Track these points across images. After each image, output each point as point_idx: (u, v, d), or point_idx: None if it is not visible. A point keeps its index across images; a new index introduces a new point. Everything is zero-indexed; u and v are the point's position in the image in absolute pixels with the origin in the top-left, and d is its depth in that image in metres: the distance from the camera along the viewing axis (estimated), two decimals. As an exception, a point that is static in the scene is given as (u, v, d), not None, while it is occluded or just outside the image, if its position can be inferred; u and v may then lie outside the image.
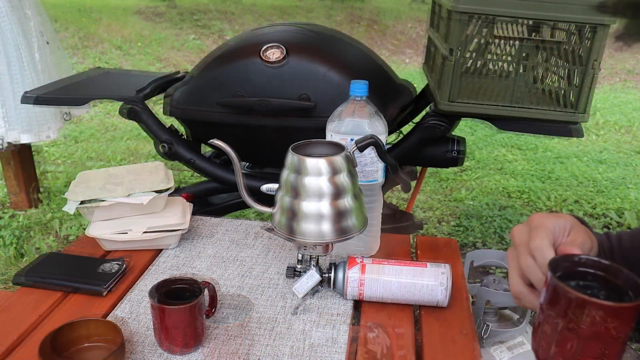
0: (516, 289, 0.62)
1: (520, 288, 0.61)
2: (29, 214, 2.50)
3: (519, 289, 0.61)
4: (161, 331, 0.82)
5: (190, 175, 3.00)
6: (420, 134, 1.49)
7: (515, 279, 0.62)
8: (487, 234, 2.52)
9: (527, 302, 0.61)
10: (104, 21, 6.69)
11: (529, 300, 0.61)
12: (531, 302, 0.60)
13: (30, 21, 2.20)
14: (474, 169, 3.27)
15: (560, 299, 0.52)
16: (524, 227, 0.63)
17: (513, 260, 0.63)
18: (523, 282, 0.61)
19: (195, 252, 1.14)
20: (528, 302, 0.61)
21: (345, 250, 1.11)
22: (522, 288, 0.61)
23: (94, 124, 3.81)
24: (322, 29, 1.61)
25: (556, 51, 1.33)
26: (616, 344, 0.51)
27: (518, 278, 0.61)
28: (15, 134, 2.19)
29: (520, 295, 0.61)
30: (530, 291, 0.61)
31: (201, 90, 1.48)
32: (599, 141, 3.89)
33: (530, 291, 0.61)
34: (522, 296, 0.61)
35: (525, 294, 0.61)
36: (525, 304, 0.61)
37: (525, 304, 0.61)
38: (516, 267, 0.62)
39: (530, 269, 0.59)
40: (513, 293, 0.62)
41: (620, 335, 0.51)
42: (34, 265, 1.05)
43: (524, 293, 0.61)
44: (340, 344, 0.88)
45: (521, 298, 0.62)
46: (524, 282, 0.61)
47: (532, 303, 0.60)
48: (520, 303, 0.62)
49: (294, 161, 0.91)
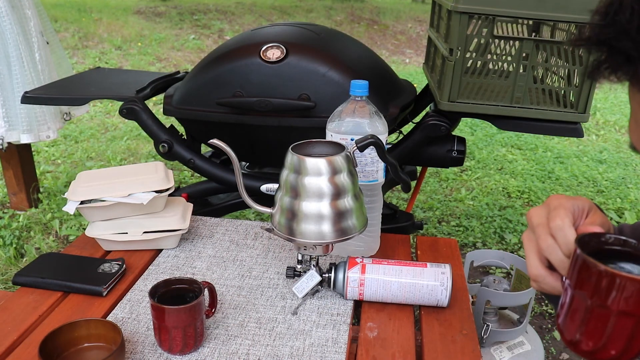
0: (535, 272, 0.60)
1: (539, 270, 0.59)
2: (29, 214, 2.50)
3: (537, 271, 0.59)
4: (161, 331, 0.82)
5: (190, 175, 3.00)
6: (422, 133, 1.49)
7: (534, 261, 0.60)
8: (487, 234, 2.52)
9: (546, 285, 0.59)
10: (104, 21, 6.69)
11: (548, 282, 0.59)
12: (550, 284, 0.59)
13: (30, 21, 2.20)
14: (474, 169, 3.27)
15: (591, 275, 0.50)
16: (541, 209, 0.61)
17: (530, 243, 0.61)
18: (542, 264, 0.59)
19: (195, 252, 1.14)
20: (547, 285, 0.59)
21: (346, 251, 1.11)
22: (541, 270, 0.59)
23: (94, 124, 3.81)
24: (322, 29, 1.60)
25: (556, 51, 1.33)
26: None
27: (537, 260, 0.59)
28: (16, 134, 2.19)
29: (539, 278, 0.59)
30: (550, 273, 0.59)
31: (201, 90, 1.48)
32: (599, 141, 3.89)
33: (550, 273, 0.59)
34: (541, 279, 0.59)
35: (544, 276, 0.59)
36: (544, 287, 0.60)
37: (544, 287, 0.60)
38: (534, 250, 0.60)
39: (551, 249, 0.57)
40: (531, 276, 0.60)
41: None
42: (34, 265, 1.05)
43: (543, 275, 0.59)
44: (340, 344, 0.88)
45: (539, 281, 0.60)
46: (543, 264, 0.59)
47: (551, 286, 0.59)
48: (538, 286, 0.60)
49: (293, 161, 0.91)
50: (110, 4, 7.92)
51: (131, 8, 7.58)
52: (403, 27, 8.26)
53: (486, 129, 3.93)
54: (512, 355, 1.30)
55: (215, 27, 7.07)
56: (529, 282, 1.34)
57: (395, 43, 7.42)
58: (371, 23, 8.28)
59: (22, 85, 2.14)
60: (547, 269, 0.59)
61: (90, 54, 5.56)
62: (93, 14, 7.00)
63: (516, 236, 2.49)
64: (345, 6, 9.24)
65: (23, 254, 2.21)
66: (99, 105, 4.19)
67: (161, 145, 1.51)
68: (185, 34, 6.68)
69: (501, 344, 1.32)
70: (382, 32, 7.88)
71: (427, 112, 1.55)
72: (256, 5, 8.58)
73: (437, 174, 3.16)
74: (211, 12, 7.72)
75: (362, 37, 7.32)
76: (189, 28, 6.93)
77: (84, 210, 1.10)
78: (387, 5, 9.94)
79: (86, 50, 5.65)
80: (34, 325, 0.91)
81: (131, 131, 3.67)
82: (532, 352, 1.32)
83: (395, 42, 7.48)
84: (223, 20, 7.47)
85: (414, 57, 6.81)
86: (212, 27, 7.09)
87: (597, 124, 4.29)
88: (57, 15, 6.54)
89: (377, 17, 8.66)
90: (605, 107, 4.71)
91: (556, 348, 1.82)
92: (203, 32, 6.86)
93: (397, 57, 6.76)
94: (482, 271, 2.22)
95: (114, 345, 0.80)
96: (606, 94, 5.17)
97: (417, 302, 0.97)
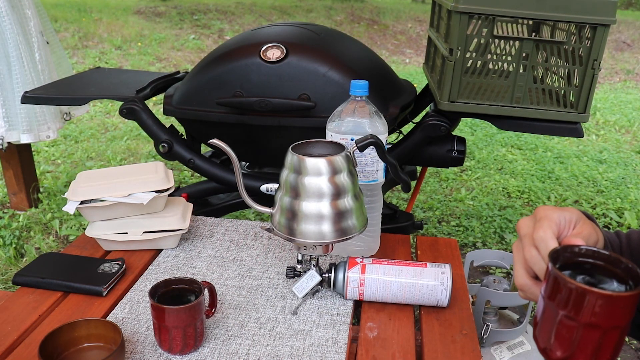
0: (520, 281, 0.61)
1: (524, 280, 0.61)
2: (29, 214, 2.50)
3: (523, 281, 0.61)
4: (161, 331, 0.82)
5: (190, 175, 3.00)
6: (422, 133, 1.49)
7: (519, 271, 0.61)
8: (487, 234, 2.52)
9: (531, 294, 0.61)
10: (104, 21, 6.69)
11: (532, 292, 0.60)
12: (535, 294, 0.60)
13: (30, 21, 2.20)
14: (474, 169, 3.27)
15: (560, 288, 0.52)
16: (529, 220, 0.63)
17: (518, 253, 0.62)
18: (527, 274, 0.61)
19: (195, 252, 1.14)
20: (532, 294, 0.61)
21: (346, 251, 1.11)
22: (526, 280, 0.61)
23: (94, 124, 3.81)
24: (322, 29, 1.60)
25: (556, 51, 1.33)
26: (614, 332, 0.52)
27: (522, 270, 0.61)
28: (16, 134, 2.19)
29: (524, 287, 0.61)
30: (534, 283, 0.60)
31: (201, 90, 1.48)
32: (599, 141, 3.89)
33: (534, 283, 0.60)
34: (526, 288, 0.61)
35: (529, 285, 0.60)
36: (529, 296, 0.61)
37: (529, 296, 0.61)
38: (521, 260, 0.61)
39: (533, 260, 0.59)
40: (517, 285, 0.62)
41: (620, 325, 0.51)
42: (34, 265, 1.05)
43: (528, 285, 0.61)
44: (340, 344, 0.88)
45: (525, 290, 0.61)
46: (529, 274, 0.61)
47: (535, 295, 0.60)
48: (524, 296, 0.62)
49: (293, 161, 0.91)
50: (110, 4, 7.92)
51: (131, 8, 7.58)
52: (403, 27, 8.26)
53: (486, 129, 3.93)
54: (512, 355, 1.30)
55: (215, 27, 7.07)
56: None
57: (395, 43, 7.42)
58: (371, 23, 8.28)
59: (22, 85, 2.14)
60: (532, 278, 0.61)
61: (90, 54, 5.56)
62: (93, 14, 7.00)
63: (516, 236, 2.49)
64: (345, 6, 9.24)
65: (23, 254, 2.21)
66: (99, 105, 4.19)
67: (161, 145, 1.51)
68: (185, 34, 6.68)
69: (501, 344, 1.32)
70: (382, 32, 7.88)
71: (427, 112, 1.55)
72: (256, 5, 8.58)
73: (437, 174, 3.16)
74: (211, 12, 7.72)
75: (362, 37, 7.32)
76: (189, 28, 6.93)
77: (84, 210, 1.10)
78: (387, 5, 9.94)
79: (86, 50, 5.65)
80: (34, 325, 0.91)
81: (131, 131, 3.67)
82: (532, 352, 1.32)
83: (395, 42, 7.47)
84: (223, 20, 7.47)
85: (414, 57, 6.81)
86: (212, 27, 7.09)
87: (597, 124, 4.29)
88: (57, 15, 6.54)
89: (377, 17, 8.66)
90: (605, 107, 4.71)
91: (556, 348, 1.82)
92: (203, 32, 6.86)
93: (397, 57, 6.76)
94: (482, 271, 2.22)
95: (114, 345, 0.80)
96: (606, 94, 5.17)
97: (417, 302, 0.97)
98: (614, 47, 7.35)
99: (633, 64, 6.52)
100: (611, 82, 5.78)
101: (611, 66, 6.39)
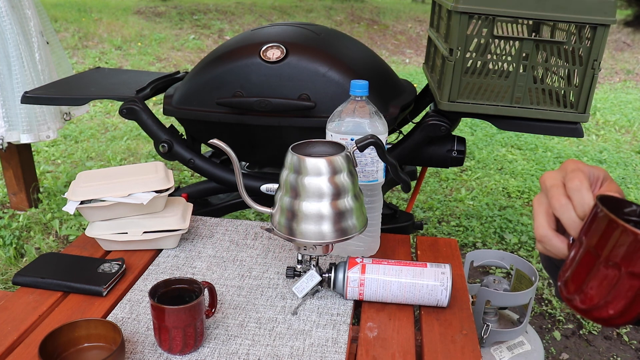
0: (541, 232, 0.59)
1: (546, 231, 0.59)
2: (29, 214, 2.50)
3: (544, 232, 0.59)
4: (161, 331, 0.82)
5: (190, 175, 3.00)
6: (422, 133, 1.49)
7: (541, 221, 0.59)
8: (487, 234, 2.52)
9: (551, 247, 0.59)
10: (104, 21, 6.69)
11: (553, 244, 0.58)
12: (556, 246, 0.58)
13: (30, 21, 2.20)
14: (474, 169, 3.27)
15: (610, 232, 0.50)
16: (557, 173, 0.61)
17: (540, 205, 0.60)
18: (549, 225, 0.59)
19: (195, 252, 1.14)
20: (552, 247, 0.59)
21: (346, 251, 1.11)
22: (548, 231, 0.59)
23: (94, 124, 3.81)
24: (322, 29, 1.60)
25: (556, 51, 1.33)
26: None
27: (544, 221, 0.59)
28: (16, 134, 2.19)
29: (544, 238, 0.59)
30: (556, 235, 0.58)
31: (200, 89, 1.48)
32: (599, 141, 3.89)
33: (556, 235, 0.58)
34: (547, 240, 0.59)
35: (551, 237, 0.58)
36: (549, 249, 0.59)
37: (549, 249, 0.59)
38: (544, 211, 0.59)
39: (564, 208, 0.57)
40: (537, 237, 0.60)
41: None
42: (34, 265, 1.05)
43: (549, 236, 0.58)
44: (340, 344, 0.88)
45: (545, 242, 0.59)
46: (550, 225, 0.59)
47: (556, 247, 0.58)
48: (542, 248, 0.60)
49: (293, 161, 0.91)
50: (110, 4, 7.93)
51: (131, 8, 7.58)
52: (403, 27, 8.26)
53: (486, 129, 3.93)
54: (512, 355, 1.30)
55: (215, 27, 7.07)
56: (529, 282, 1.34)
57: (395, 43, 7.42)
58: (371, 23, 8.28)
59: (22, 85, 2.14)
60: (553, 230, 0.59)
61: (90, 54, 5.56)
62: (93, 14, 7.00)
63: (516, 236, 2.49)
64: (345, 6, 9.24)
65: (23, 254, 2.21)
66: (99, 105, 4.19)
67: (161, 145, 1.51)
68: (185, 34, 6.68)
69: (501, 344, 1.32)
70: (382, 32, 7.88)
71: (427, 112, 1.55)
72: (256, 5, 8.58)
73: (437, 174, 3.16)
74: (211, 12, 7.72)
75: (362, 37, 7.32)
76: (189, 28, 6.93)
77: (84, 210, 1.10)
78: (387, 5, 9.94)
79: (86, 50, 5.66)
80: (34, 325, 0.91)
81: (131, 131, 3.67)
82: (532, 352, 1.32)
83: (395, 42, 7.47)
84: (223, 20, 7.47)
85: (414, 57, 6.81)
86: (212, 27, 7.09)
87: (597, 124, 4.29)
88: (57, 15, 6.54)
89: (377, 17, 8.66)
90: (605, 107, 4.71)
91: (556, 348, 1.82)
92: (203, 32, 6.86)
93: (397, 57, 6.76)
94: (482, 271, 2.22)
95: (114, 345, 0.80)
96: (606, 94, 5.17)
97: (417, 302, 0.97)
98: (614, 47, 7.35)
99: (633, 64, 6.52)
100: (611, 82, 5.78)
101: (611, 66, 6.39)
